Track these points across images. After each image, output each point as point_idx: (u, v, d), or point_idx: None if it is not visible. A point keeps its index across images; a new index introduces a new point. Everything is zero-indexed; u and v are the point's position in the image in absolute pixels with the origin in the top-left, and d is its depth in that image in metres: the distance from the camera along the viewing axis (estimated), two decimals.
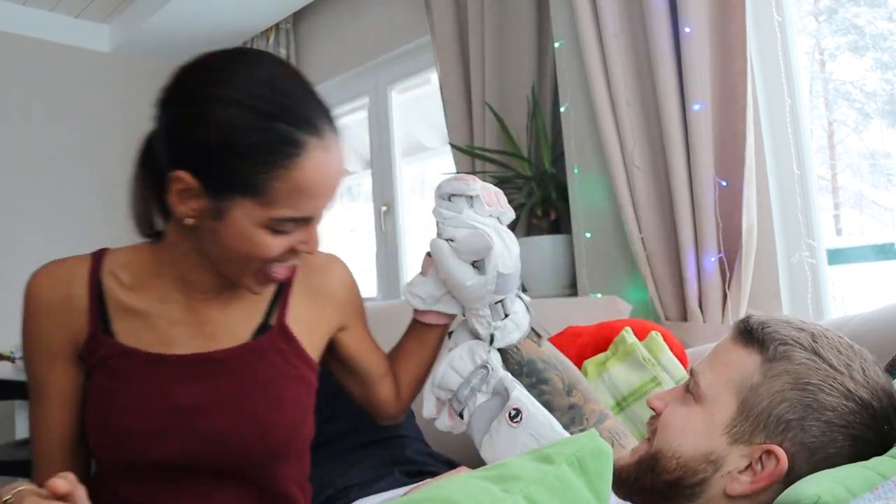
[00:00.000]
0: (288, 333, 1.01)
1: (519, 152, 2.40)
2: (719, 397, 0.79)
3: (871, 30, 1.96)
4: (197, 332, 0.97)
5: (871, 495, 0.55)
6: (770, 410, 0.75)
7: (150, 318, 0.95)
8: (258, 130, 0.81)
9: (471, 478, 0.59)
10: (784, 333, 0.79)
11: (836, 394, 0.74)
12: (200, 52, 0.91)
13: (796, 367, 0.76)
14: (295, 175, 0.82)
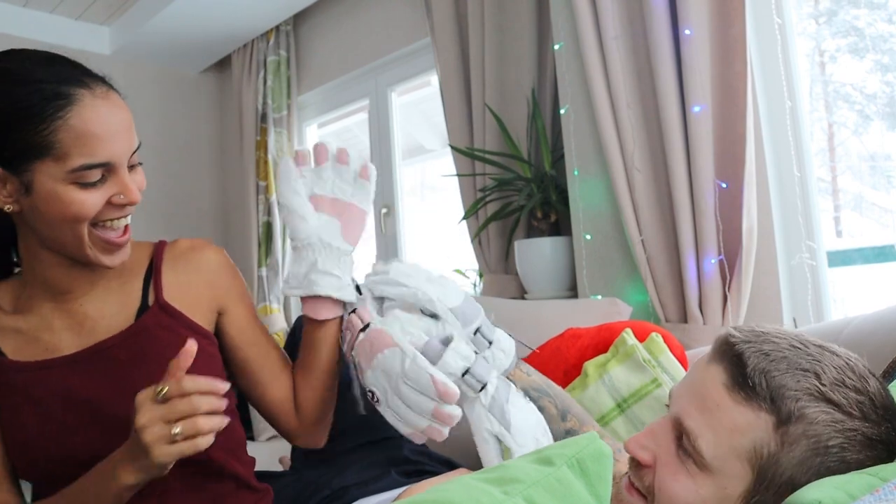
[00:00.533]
0: (169, 308, 1.03)
1: (519, 154, 2.40)
2: (730, 468, 0.70)
3: (871, 32, 1.96)
4: (78, 331, 1.00)
5: (871, 497, 0.55)
6: (794, 482, 0.68)
7: (33, 333, 0.99)
8: (25, 96, 0.86)
9: (471, 480, 0.59)
10: (793, 387, 0.69)
11: (859, 447, 0.69)
12: (201, 54, 0.97)
13: (814, 429, 0.68)
14: (74, 123, 0.86)
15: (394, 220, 3.34)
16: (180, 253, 1.09)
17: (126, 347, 0.99)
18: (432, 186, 3.60)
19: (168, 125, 4.24)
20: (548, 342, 1.67)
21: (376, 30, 3.34)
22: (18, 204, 0.91)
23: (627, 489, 0.78)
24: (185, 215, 4.25)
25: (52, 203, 0.88)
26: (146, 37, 3.77)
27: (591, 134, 2.11)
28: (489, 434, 1.00)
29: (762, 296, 1.85)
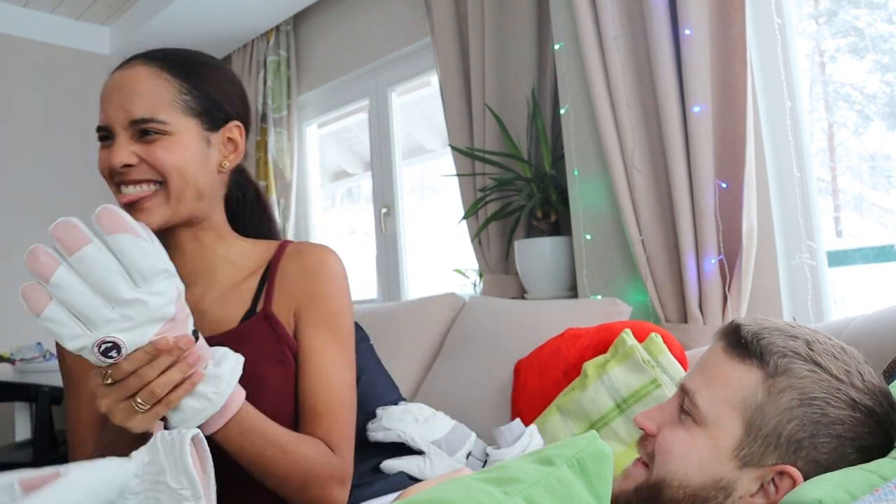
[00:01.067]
0: (272, 319, 1.03)
1: (519, 154, 2.40)
2: (722, 419, 0.75)
3: (871, 32, 1.96)
4: (198, 319, 1.02)
5: (871, 497, 0.55)
6: (780, 430, 0.72)
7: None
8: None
9: (471, 479, 0.59)
10: (781, 344, 0.75)
11: (843, 405, 0.72)
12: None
13: (800, 382, 0.73)
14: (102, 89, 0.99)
15: (394, 220, 3.34)
16: (289, 257, 1.08)
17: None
18: (432, 186, 3.60)
19: None
20: (548, 342, 1.67)
21: (376, 30, 3.34)
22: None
23: (633, 464, 0.82)
24: None
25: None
26: (146, 37, 3.77)
27: (591, 134, 2.11)
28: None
29: (762, 296, 1.85)
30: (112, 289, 0.79)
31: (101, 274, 0.79)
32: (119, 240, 0.80)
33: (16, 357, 3.29)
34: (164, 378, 0.82)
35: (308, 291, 1.05)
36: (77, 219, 0.81)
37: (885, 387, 0.77)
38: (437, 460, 1.28)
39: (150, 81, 0.97)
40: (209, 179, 1.01)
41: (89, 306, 0.79)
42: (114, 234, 0.80)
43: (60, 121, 3.88)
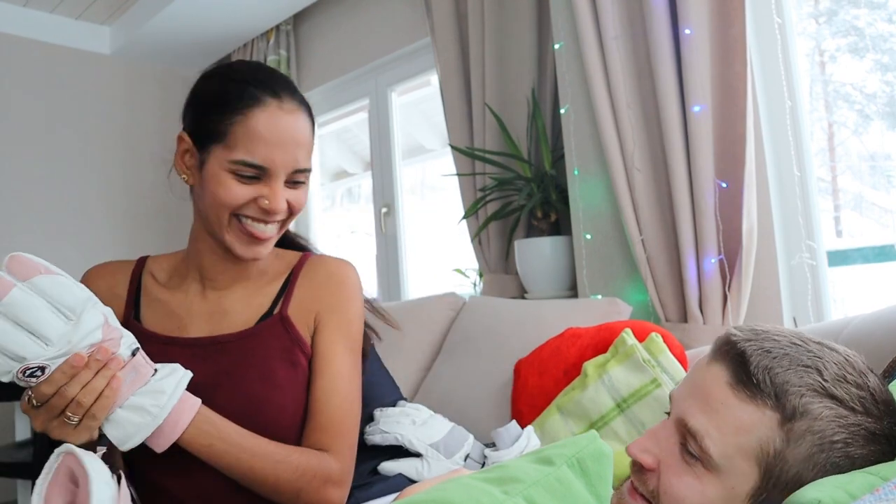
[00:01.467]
0: (287, 322, 1.09)
1: (519, 154, 2.40)
2: (736, 466, 0.70)
3: (871, 31, 1.96)
4: (210, 318, 1.09)
5: (871, 497, 0.55)
6: (800, 478, 0.68)
7: (171, 307, 1.10)
8: (229, 90, 1.01)
9: (471, 479, 0.59)
10: (796, 383, 0.69)
11: (862, 441, 0.69)
12: (201, 54, 1.03)
13: (818, 424, 0.68)
14: (251, 122, 0.99)
15: (394, 219, 3.34)
16: (311, 266, 1.15)
17: (238, 346, 1.06)
18: (432, 186, 3.60)
19: (168, 125, 4.24)
20: (548, 342, 1.67)
21: (376, 29, 3.34)
22: (193, 178, 1.05)
23: (630, 494, 0.77)
24: (184, 214, 4.23)
25: (211, 183, 1.01)
26: (146, 36, 3.77)
27: (592, 134, 2.11)
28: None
29: (762, 295, 1.85)
30: (46, 326, 0.81)
31: (33, 314, 0.81)
32: (38, 282, 0.82)
33: None
34: (87, 388, 0.84)
35: (330, 300, 1.12)
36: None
37: (889, 396, 0.76)
38: (435, 463, 1.29)
39: (310, 133, 1.05)
40: None
41: (21, 345, 0.81)
42: (30, 278, 0.82)
43: (60, 120, 3.88)
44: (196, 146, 1.03)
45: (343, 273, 1.16)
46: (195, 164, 1.04)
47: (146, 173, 4.13)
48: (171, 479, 1.04)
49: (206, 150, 1.01)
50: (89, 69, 3.99)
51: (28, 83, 3.79)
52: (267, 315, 1.10)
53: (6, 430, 3.37)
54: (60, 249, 3.80)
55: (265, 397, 1.03)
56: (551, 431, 1.45)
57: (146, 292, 1.12)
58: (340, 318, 1.12)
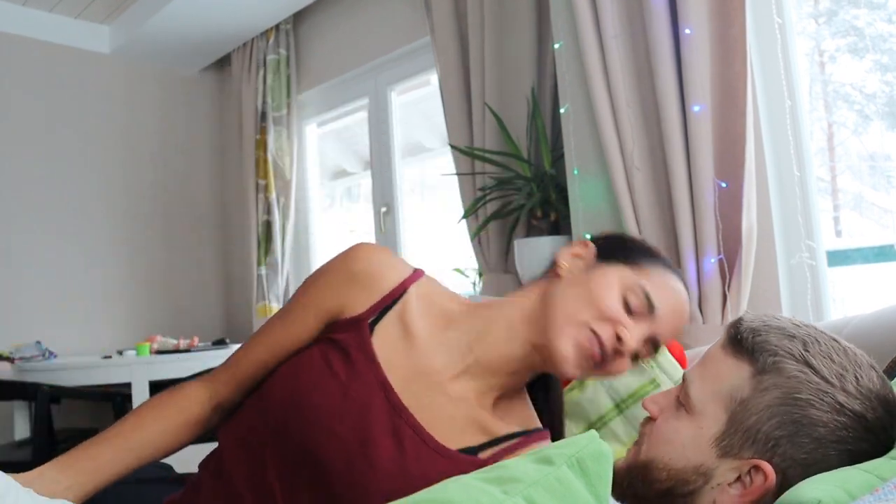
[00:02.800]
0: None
1: (519, 153, 2.40)
2: (709, 410, 0.79)
3: (871, 32, 1.96)
4: (421, 391, 0.95)
5: (871, 497, 0.55)
6: (759, 426, 0.75)
7: (409, 343, 0.97)
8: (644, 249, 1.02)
9: (470, 479, 0.59)
10: (775, 343, 0.77)
11: (827, 408, 0.73)
12: (200, 53, 0.96)
13: (786, 381, 0.74)
14: (657, 276, 0.96)
15: (393, 219, 3.34)
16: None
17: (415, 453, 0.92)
18: (432, 185, 3.60)
19: (167, 124, 4.24)
20: None
21: (376, 29, 3.34)
22: (569, 273, 0.99)
23: (634, 446, 0.88)
24: (184, 214, 4.25)
25: (599, 282, 0.95)
26: (146, 35, 3.77)
27: (591, 133, 2.10)
28: None
29: (762, 295, 1.85)
30: None
31: None
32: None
33: (15, 356, 3.29)
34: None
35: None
36: None
37: (887, 392, 0.76)
38: None
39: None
40: None
41: None
42: None
43: (60, 120, 3.88)
44: (596, 257, 1.00)
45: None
46: (583, 265, 0.99)
47: (146, 172, 4.13)
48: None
49: (608, 263, 0.98)
50: (89, 68, 3.99)
51: (27, 82, 3.79)
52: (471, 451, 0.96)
53: (5, 429, 3.37)
54: (60, 249, 3.80)
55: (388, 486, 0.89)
56: None
57: (401, 312, 1.01)
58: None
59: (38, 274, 3.69)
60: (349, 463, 0.89)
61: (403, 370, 0.95)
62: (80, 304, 3.77)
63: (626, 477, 0.84)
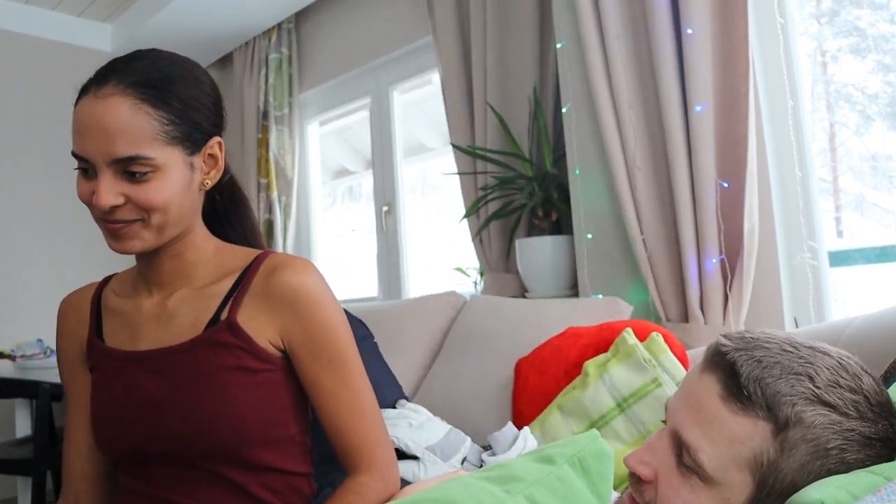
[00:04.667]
0: (235, 327, 1.01)
1: (520, 153, 2.40)
2: (731, 478, 0.70)
3: (873, 32, 1.96)
4: (158, 324, 1.04)
5: (873, 497, 0.55)
6: (795, 486, 0.68)
7: (125, 316, 1.07)
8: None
9: (472, 478, 0.59)
10: (787, 391, 0.69)
11: (858, 447, 0.69)
12: (202, 52, 1.00)
13: (813, 433, 0.68)
14: (75, 114, 0.96)
15: (395, 218, 3.34)
16: (268, 269, 1.04)
17: (189, 356, 1.01)
18: (433, 185, 3.60)
19: None
20: (548, 341, 1.67)
21: (378, 28, 3.34)
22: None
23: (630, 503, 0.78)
24: None
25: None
26: (148, 34, 3.77)
27: (593, 133, 2.10)
28: None
29: (763, 295, 1.85)
30: None
31: None
32: None
33: (16, 354, 3.29)
34: None
35: (298, 324, 1.02)
36: None
37: (886, 397, 0.76)
38: (431, 465, 1.29)
39: (130, 117, 0.92)
40: (192, 203, 1.01)
41: None
42: None
43: (61, 118, 3.88)
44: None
45: (297, 283, 1.02)
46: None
47: None
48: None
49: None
50: (90, 67, 3.96)
51: (29, 80, 3.80)
52: (214, 320, 1.02)
53: (6, 427, 3.37)
54: (61, 247, 3.80)
55: (216, 409, 0.97)
56: (552, 431, 1.45)
57: (106, 308, 1.10)
58: (317, 343, 1.02)
59: (38, 272, 3.69)
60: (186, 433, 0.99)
61: (133, 329, 1.06)
62: None
63: None
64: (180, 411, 0.98)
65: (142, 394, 1.01)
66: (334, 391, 1.02)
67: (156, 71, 0.97)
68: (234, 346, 1.01)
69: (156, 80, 0.96)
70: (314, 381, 1.03)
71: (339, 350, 1.03)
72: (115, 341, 1.06)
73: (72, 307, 1.12)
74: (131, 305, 1.07)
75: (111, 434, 1.03)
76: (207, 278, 1.06)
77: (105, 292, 1.12)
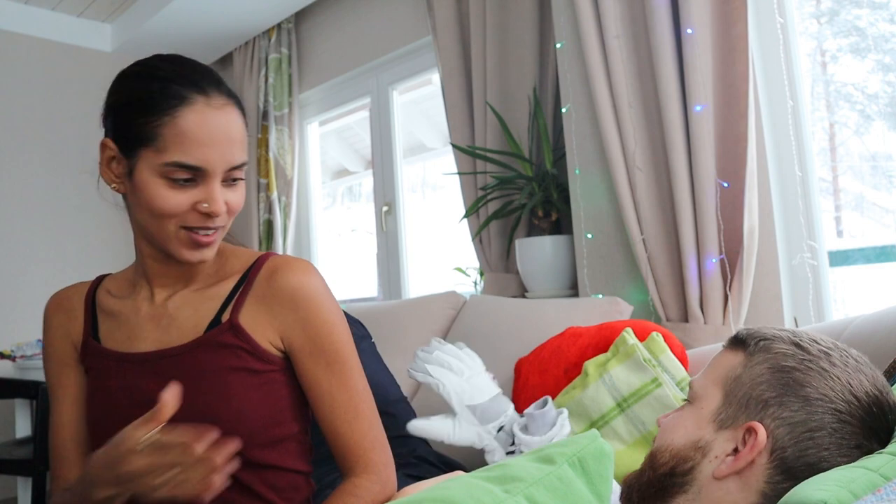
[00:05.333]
0: (237, 328, 1.03)
1: (520, 153, 2.40)
2: (707, 392, 0.85)
3: (873, 32, 1.96)
4: (158, 326, 1.05)
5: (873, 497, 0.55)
6: (750, 393, 0.80)
7: (122, 317, 1.07)
8: (150, 89, 0.95)
9: (472, 478, 0.59)
10: (767, 333, 0.85)
11: (813, 373, 0.79)
12: (202, 52, 0.99)
13: (774, 356, 0.82)
14: (179, 122, 0.93)
15: (395, 218, 3.34)
16: (269, 271, 1.06)
17: (189, 357, 1.02)
18: (433, 185, 3.60)
19: None
20: (548, 341, 1.67)
21: (378, 28, 3.34)
22: (123, 186, 1.00)
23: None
24: None
25: (144, 191, 0.96)
26: (148, 34, 3.77)
27: (593, 133, 2.11)
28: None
29: (763, 295, 1.85)
30: None
31: None
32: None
33: (16, 354, 3.29)
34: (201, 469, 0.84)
35: (298, 325, 1.03)
36: None
37: (876, 377, 0.80)
38: (466, 426, 1.23)
39: (242, 127, 0.99)
40: None
41: None
42: None
43: (62, 118, 3.88)
44: (122, 152, 0.97)
45: (299, 284, 1.04)
46: (124, 171, 0.98)
47: None
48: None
49: (133, 155, 0.96)
50: (90, 67, 3.99)
51: (29, 81, 3.80)
52: (216, 322, 1.03)
53: (6, 427, 3.37)
54: (61, 247, 3.80)
55: (216, 410, 0.99)
56: None
57: (101, 308, 1.09)
58: (316, 343, 1.04)
59: (38, 272, 3.69)
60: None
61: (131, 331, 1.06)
62: None
63: (637, 476, 0.88)
64: (182, 411, 0.97)
65: (142, 395, 1.00)
66: (332, 392, 1.04)
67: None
68: (237, 347, 1.02)
69: (234, 93, 1.02)
70: (312, 382, 1.04)
71: (338, 351, 1.05)
72: (111, 342, 1.06)
73: (62, 306, 1.11)
74: (129, 306, 1.07)
75: (110, 434, 1.00)
76: (209, 279, 1.07)
77: (99, 293, 1.11)
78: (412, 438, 1.49)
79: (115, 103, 0.99)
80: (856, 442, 0.75)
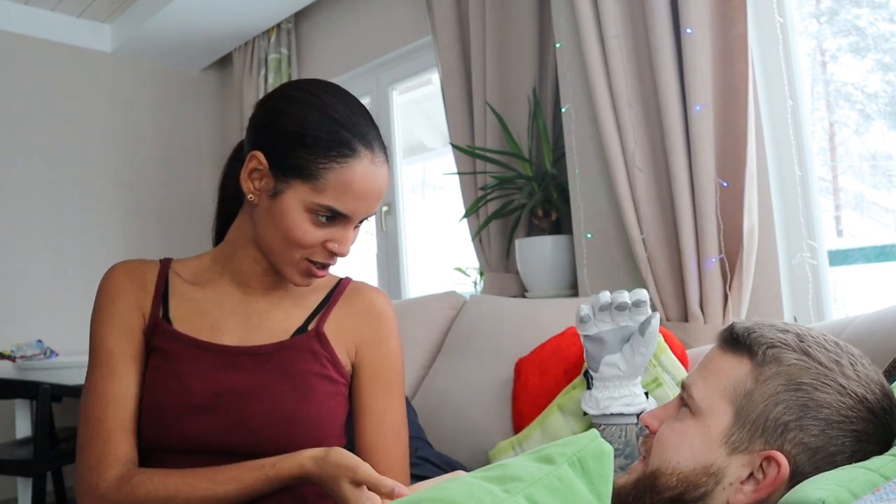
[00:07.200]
0: (323, 338, 1.10)
1: (520, 153, 2.40)
2: (714, 407, 0.79)
3: (873, 31, 1.96)
4: (244, 323, 1.08)
5: (872, 497, 0.55)
6: (766, 415, 0.75)
7: (203, 306, 1.09)
8: (326, 131, 0.99)
9: (472, 478, 0.59)
10: (770, 336, 0.79)
11: (831, 390, 0.74)
12: (202, 52, 1.01)
13: (787, 369, 0.76)
14: (345, 172, 0.98)
15: (395, 218, 3.34)
16: (354, 290, 1.17)
17: (274, 358, 1.06)
18: (433, 185, 3.60)
19: (169, 123, 4.24)
20: (549, 341, 1.67)
21: (377, 28, 3.34)
22: (261, 200, 1.03)
23: (637, 462, 0.87)
24: (185, 213, 4.25)
25: (285, 218, 1.00)
26: (147, 34, 3.77)
27: (592, 132, 2.11)
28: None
29: (763, 295, 1.85)
30: None
31: None
32: None
33: (16, 354, 3.29)
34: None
35: (374, 342, 1.13)
36: None
37: (882, 380, 0.78)
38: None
39: (387, 181, 1.06)
40: None
41: None
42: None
43: (61, 118, 3.88)
44: (273, 172, 1.00)
45: (382, 306, 1.17)
46: (267, 189, 1.01)
47: (147, 171, 4.13)
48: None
49: (285, 181, 0.99)
50: (90, 67, 3.99)
51: (29, 81, 3.80)
52: (302, 329, 1.10)
53: (6, 428, 3.37)
54: (61, 247, 3.80)
55: (300, 412, 1.03)
56: (552, 431, 1.45)
57: (174, 290, 1.10)
58: (385, 353, 1.14)
59: (38, 273, 3.69)
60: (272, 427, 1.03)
61: (214, 321, 1.08)
62: (80, 302, 3.77)
63: (633, 490, 0.82)
64: (265, 407, 1.02)
65: (217, 385, 1.02)
66: (384, 413, 1.12)
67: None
68: (321, 355, 1.08)
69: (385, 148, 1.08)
70: (367, 399, 1.12)
71: (399, 374, 1.16)
72: (186, 328, 1.06)
73: (135, 277, 1.09)
74: (210, 297, 1.09)
75: (171, 420, 1.01)
76: (298, 290, 1.13)
77: (171, 277, 1.12)
78: (415, 440, 1.49)
79: (279, 126, 1.01)
80: (870, 456, 0.73)
